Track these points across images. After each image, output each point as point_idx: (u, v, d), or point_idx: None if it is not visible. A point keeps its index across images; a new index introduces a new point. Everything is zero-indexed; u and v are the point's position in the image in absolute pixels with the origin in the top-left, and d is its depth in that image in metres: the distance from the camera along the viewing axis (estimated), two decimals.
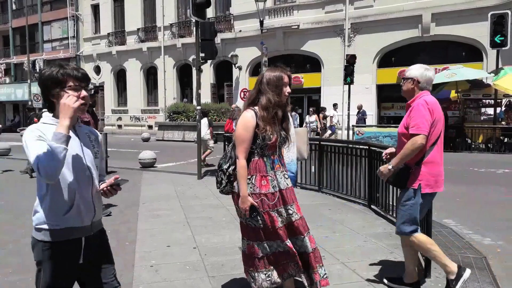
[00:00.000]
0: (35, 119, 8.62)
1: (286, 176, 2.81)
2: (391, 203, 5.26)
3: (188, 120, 21.30)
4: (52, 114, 1.96)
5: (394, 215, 5.14)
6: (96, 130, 2.28)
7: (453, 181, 8.14)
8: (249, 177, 2.70)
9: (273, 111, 2.69)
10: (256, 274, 2.74)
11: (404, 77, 3.19)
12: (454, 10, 17.55)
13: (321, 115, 17.82)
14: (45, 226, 1.88)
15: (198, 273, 3.63)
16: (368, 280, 3.44)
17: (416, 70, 3.14)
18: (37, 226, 1.91)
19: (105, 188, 2.05)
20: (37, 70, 31.23)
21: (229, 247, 4.27)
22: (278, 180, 2.72)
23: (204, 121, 10.57)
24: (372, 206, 5.86)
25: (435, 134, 3.03)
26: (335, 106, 18.09)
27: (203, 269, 3.71)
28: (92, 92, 6.85)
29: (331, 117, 17.68)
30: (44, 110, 3.14)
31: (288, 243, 2.70)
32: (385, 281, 3.35)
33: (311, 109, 18.00)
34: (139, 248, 4.33)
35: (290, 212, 2.74)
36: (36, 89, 30.31)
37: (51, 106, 1.95)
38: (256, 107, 2.74)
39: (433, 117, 2.99)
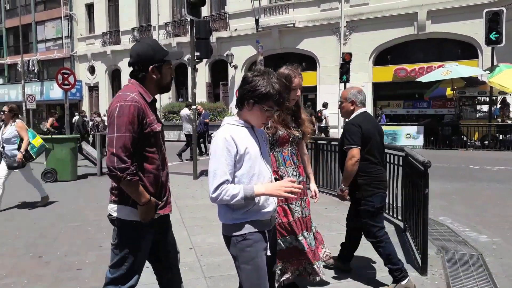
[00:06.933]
0: None
1: (296, 173, 2.89)
2: (387, 201, 5.25)
3: None
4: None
5: (391, 214, 5.14)
6: None
7: (449, 179, 8.17)
8: None
9: (283, 114, 2.80)
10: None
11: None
12: (449, 8, 17.58)
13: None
14: None
15: (194, 273, 3.61)
16: (365, 278, 3.42)
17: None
18: None
19: None
20: (32, 71, 31.01)
21: (225, 247, 4.23)
22: (289, 175, 2.81)
23: None
24: None
25: None
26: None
27: (199, 270, 3.69)
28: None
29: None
30: None
31: (301, 237, 2.81)
32: None
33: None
34: None
35: (303, 206, 2.89)
36: (30, 90, 30.15)
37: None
38: None
39: None
